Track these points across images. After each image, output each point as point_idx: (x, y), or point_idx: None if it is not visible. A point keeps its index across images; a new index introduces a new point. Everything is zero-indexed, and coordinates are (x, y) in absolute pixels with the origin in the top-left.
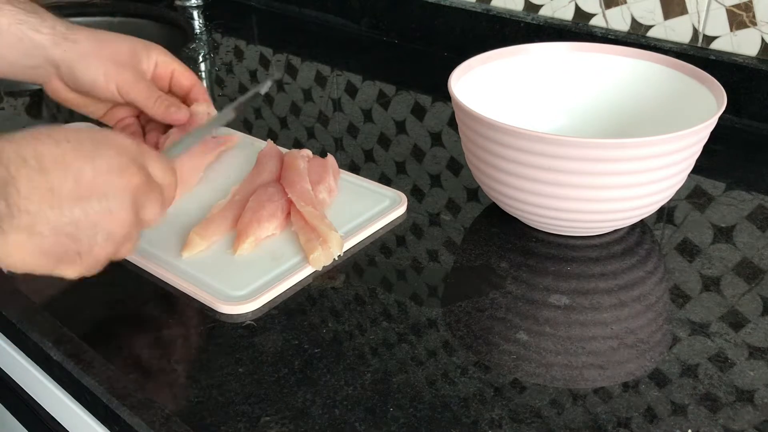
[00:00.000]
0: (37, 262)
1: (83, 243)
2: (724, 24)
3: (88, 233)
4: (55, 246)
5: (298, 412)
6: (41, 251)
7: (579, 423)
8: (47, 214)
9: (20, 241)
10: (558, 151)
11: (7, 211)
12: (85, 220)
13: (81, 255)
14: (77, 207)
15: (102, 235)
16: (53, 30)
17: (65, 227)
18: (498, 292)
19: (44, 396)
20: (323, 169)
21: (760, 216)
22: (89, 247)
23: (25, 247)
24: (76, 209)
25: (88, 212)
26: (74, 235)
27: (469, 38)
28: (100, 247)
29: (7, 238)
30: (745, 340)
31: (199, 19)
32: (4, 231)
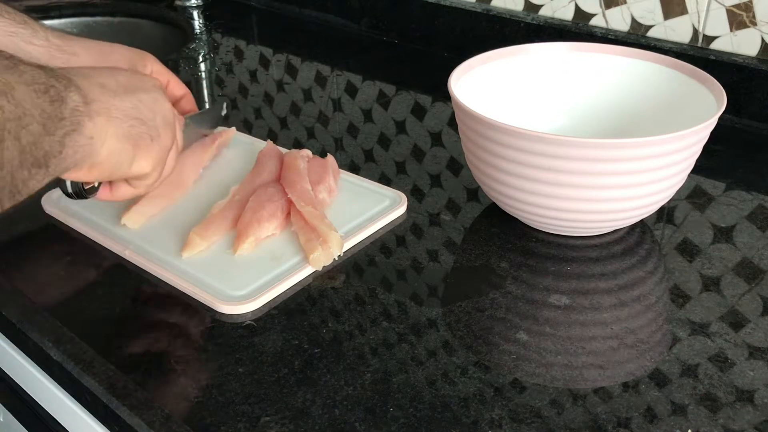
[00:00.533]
0: (122, 150)
1: (150, 126)
2: (724, 24)
3: (149, 116)
4: (131, 129)
5: (298, 412)
6: (123, 135)
7: (579, 423)
8: (113, 102)
9: (104, 124)
10: (558, 151)
11: (83, 100)
12: (142, 105)
13: (152, 138)
14: (132, 96)
15: (160, 118)
16: (47, 42)
17: (131, 111)
18: (498, 292)
19: (44, 396)
20: (323, 169)
21: (760, 216)
22: (156, 130)
23: (108, 130)
24: (132, 98)
25: (141, 99)
26: (140, 118)
27: (469, 38)
28: (163, 131)
29: (96, 121)
30: (745, 340)
31: (199, 19)
32: (92, 116)
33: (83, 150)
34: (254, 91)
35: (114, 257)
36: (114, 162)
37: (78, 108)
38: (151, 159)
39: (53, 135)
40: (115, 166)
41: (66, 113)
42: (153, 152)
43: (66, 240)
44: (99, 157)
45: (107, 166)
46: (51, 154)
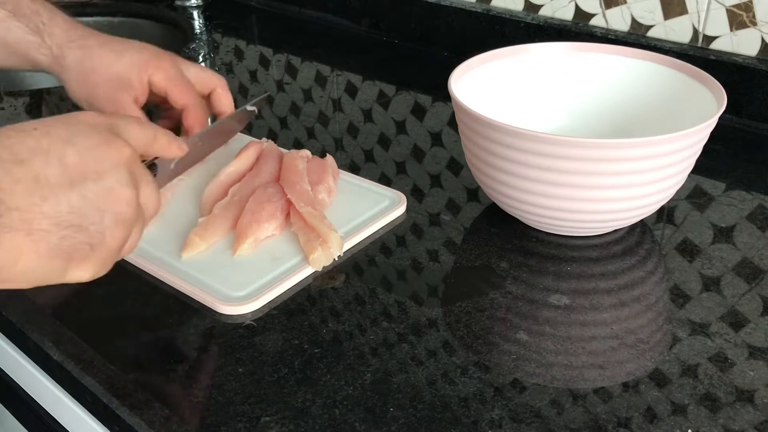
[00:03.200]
0: (46, 266)
1: (92, 232)
2: (724, 24)
3: (93, 219)
4: (62, 242)
5: (298, 412)
6: (48, 251)
7: (579, 423)
8: (42, 208)
9: (19, 244)
10: (558, 151)
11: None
12: (86, 205)
13: (93, 246)
14: (73, 193)
15: (109, 217)
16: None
17: (67, 218)
18: (498, 292)
19: (44, 396)
20: (322, 169)
21: (760, 216)
22: (100, 235)
23: (27, 249)
24: (73, 195)
25: (86, 196)
26: (79, 224)
27: (469, 38)
28: (111, 232)
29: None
30: (745, 340)
31: (199, 19)
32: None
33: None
34: (254, 91)
35: None
36: (36, 278)
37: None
38: (89, 268)
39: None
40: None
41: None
42: (93, 260)
43: None
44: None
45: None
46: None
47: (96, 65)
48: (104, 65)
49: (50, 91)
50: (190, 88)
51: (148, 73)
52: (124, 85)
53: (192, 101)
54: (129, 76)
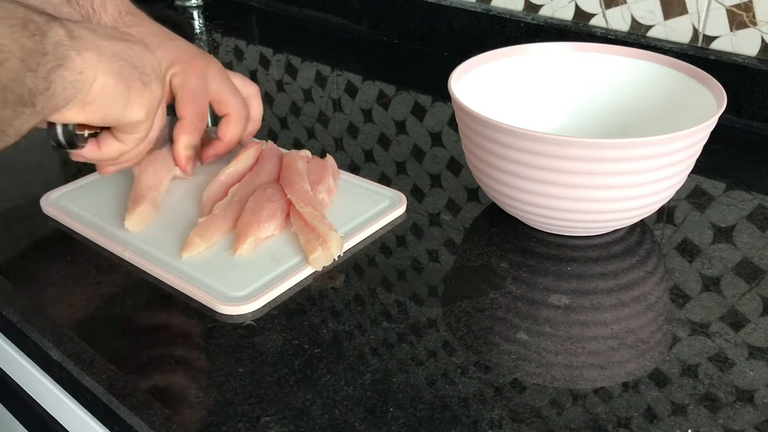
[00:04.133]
0: (114, 84)
1: (141, 72)
2: (724, 24)
3: (139, 63)
4: (122, 69)
5: (298, 412)
6: (113, 72)
7: (579, 423)
8: (102, 42)
9: (94, 59)
10: (558, 151)
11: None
12: (133, 53)
13: (144, 84)
14: (122, 42)
15: (150, 68)
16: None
17: (121, 54)
18: (498, 292)
19: (44, 396)
20: (322, 169)
21: (760, 216)
22: (147, 77)
23: (99, 65)
24: (122, 44)
25: (132, 48)
26: (131, 61)
27: (469, 38)
28: (154, 79)
29: (84, 56)
30: (745, 340)
31: (199, 19)
32: (79, 51)
33: (73, 86)
34: None
35: (114, 257)
36: (108, 101)
37: (62, 42)
38: (144, 104)
39: (36, 71)
40: (109, 106)
41: (49, 48)
42: (145, 97)
43: (66, 240)
44: (91, 93)
45: (101, 104)
46: (37, 91)
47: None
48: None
49: None
50: (195, 102)
51: (170, 74)
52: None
53: (188, 115)
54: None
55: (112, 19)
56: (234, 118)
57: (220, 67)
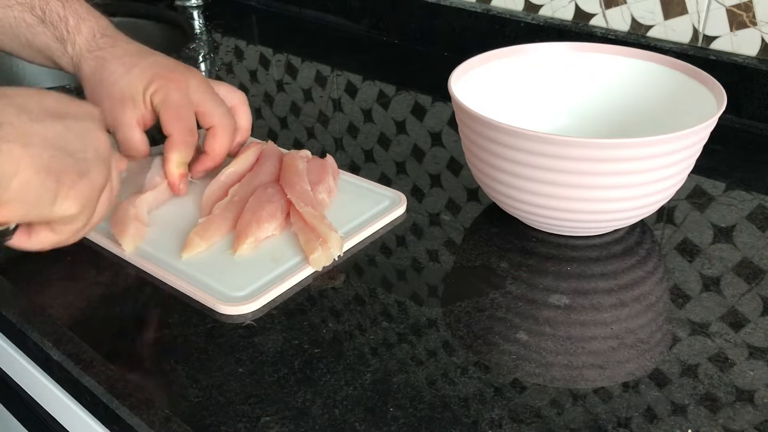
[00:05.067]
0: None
1: (77, 159)
2: (724, 24)
3: (78, 148)
4: (52, 161)
5: (298, 412)
6: (41, 167)
7: (579, 423)
8: (32, 128)
9: (17, 155)
10: (558, 151)
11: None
12: (70, 135)
13: (80, 174)
14: (57, 123)
15: (91, 152)
16: (71, 60)
17: (55, 140)
18: (498, 292)
19: (44, 396)
20: (322, 169)
21: (760, 216)
22: (85, 165)
23: (24, 162)
24: (57, 125)
25: (69, 128)
26: (65, 148)
27: (469, 38)
28: (94, 167)
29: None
30: (745, 340)
31: (199, 19)
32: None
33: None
34: (254, 91)
35: (114, 257)
36: (31, 199)
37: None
38: (78, 198)
39: None
40: (32, 205)
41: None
42: (80, 190)
43: None
44: (9, 191)
45: (22, 203)
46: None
47: (104, 78)
48: (111, 80)
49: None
50: (181, 117)
51: (150, 92)
52: (126, 103)
53: (175, 131)
54: (132, 94)
55: (85, 41)
56: (219, 130)
57: (201, 78)
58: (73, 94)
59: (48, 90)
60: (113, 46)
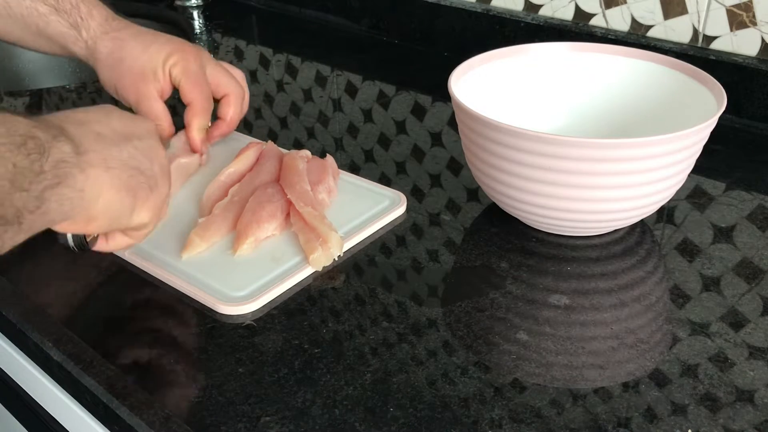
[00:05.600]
0: (121, 201)
1: (148, 176)
2: (724, 24)
3: (147, 166)
4: (130, 180)
5: (298, 412)
6: (120, 186)
7: (579, 423)
8: (111, 152)
9: (101, 178)
10: (558, 151)
11: (74, 150)
12: (139, 155)
13: (151, 188)
14: (129, 144)
15: (157, 166)
16: (85, 45)
17: (129, 161)
18: (498, 292)
19: (44, 396)
20: (322, 169)
21: (760, 216)
22: (154, 180)
23: (106, 184)
24: (129, 147)
25: (138, 148)
26: (138, 167)
27: (469, 38)
28: (161, 179)
29: (89, 173)
30: (745, 340)
31: (199, 19)
32: (83, 168)
33: (71, 203)
34: (254, 91)
35: (114, 257)
36: (113, 215)
37: (66, 159)
38: (150, 209)
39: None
40: (114, 219)
41: (47, 166)
42: (152, 202)
43: None
44: (94, 210)
45: (106, 218)
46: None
47: (124, 56)
48: (132, 57)
49: (50, 91)
50: (200, 85)
51: (169, 64)
52: (147, 77)
53: (196, 98)
54: (153, 68)
55: (99, 25)
56: (233, 98)
57: (209, 55)
58: (74, 93)
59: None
60: (126, 27)
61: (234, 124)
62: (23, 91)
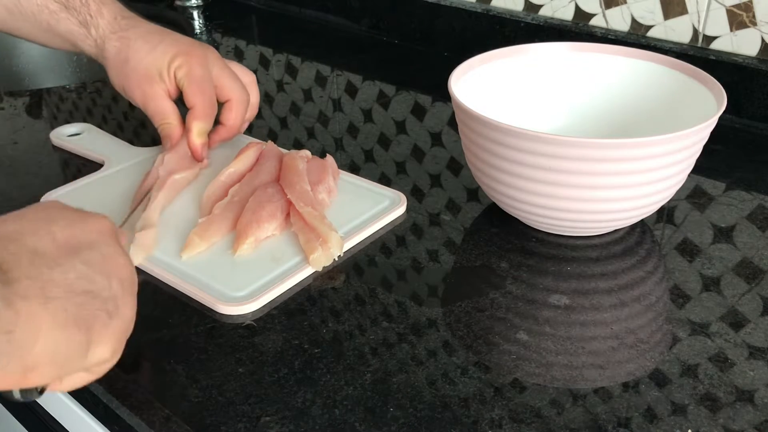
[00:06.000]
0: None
1: (105, 298)
2: (724, 24)
3: (103, 285)
4: (79, 310)
5: (298, 412)
6: (66, 320)
7: (579, 423)
8: (51, 275)
9: (37, 314)
10: (558, 151)
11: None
12: (92, 271)
13: (110, 314)
14: (76, 260)
15: (116, 283)
16: (95, 43)
17: (77, 284)
18: (498, 292)
19: (44, 396)
20: (322, 169)
21: (760, 216)
22: (113, 302)
23: (46, 321)
24: (77, 263)
25: (89, 262)
26: (91, 290)
27: (469, 38)
28: (122, 299)
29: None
30: (745, 340)
31: (199, 19)
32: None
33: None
34: None
35: None
36: (60, 359)
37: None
38: (111, 341)
39: None
40: (62, 363)
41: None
42: (112, 332)
43: None
44: (31, 356)
45: (49, 365)
46: None
47: (130, 56)
48: (137, 57)
49: (50, 91)
50: (203, 90)
51: (174, 67)
52: (153, 78)
53: (198, 103)
54: (158, 70)
55: (108, 24)
56: (235, 104)
57: (217, 55)
58: (74, 93)
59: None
60: (135, 27)
61: (235, 130)
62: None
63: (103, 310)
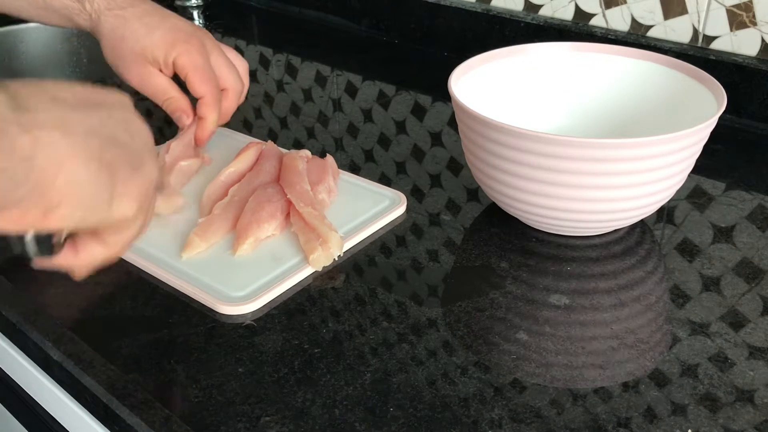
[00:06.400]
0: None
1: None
2: (724, 24)
3: (125, 139)
4: (102, 152)
5: (298, 412)
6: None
7: (579, 423)
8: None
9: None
10: (558, 151)
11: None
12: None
13: (134, 167)
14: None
15: (140, 141)
16: (89, 17)
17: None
18: (498, 292)
19: (44, 396)
20: (322, 169)
21: (760, 216)
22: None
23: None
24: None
25: (112, 117)
26: (114, 138)
27: (469, 38)
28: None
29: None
30: (745, 340)
31: (199, 19)
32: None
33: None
34: (254, 91)
35: None
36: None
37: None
38: (135, 196)
39: None
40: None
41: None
42: (137, 186)
43: None
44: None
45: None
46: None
47: (127, 36)
48: (134, 38)
49: None
50: (209, 79)
51: (174, 55)
52: (148, 60)
53: (208, 92)
54: (155, 54)
55: (105, 2)
56: (231, 93)
57: (214, 41)
58: None
59: None
60: (132, 5)
61: (227, 118)
62: None
63: (126, 160)
